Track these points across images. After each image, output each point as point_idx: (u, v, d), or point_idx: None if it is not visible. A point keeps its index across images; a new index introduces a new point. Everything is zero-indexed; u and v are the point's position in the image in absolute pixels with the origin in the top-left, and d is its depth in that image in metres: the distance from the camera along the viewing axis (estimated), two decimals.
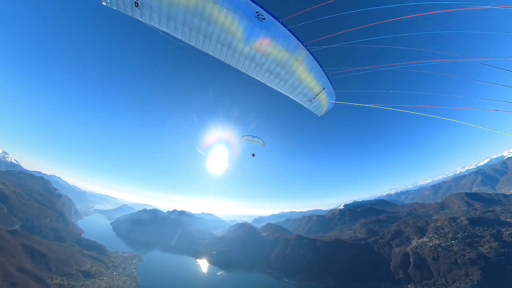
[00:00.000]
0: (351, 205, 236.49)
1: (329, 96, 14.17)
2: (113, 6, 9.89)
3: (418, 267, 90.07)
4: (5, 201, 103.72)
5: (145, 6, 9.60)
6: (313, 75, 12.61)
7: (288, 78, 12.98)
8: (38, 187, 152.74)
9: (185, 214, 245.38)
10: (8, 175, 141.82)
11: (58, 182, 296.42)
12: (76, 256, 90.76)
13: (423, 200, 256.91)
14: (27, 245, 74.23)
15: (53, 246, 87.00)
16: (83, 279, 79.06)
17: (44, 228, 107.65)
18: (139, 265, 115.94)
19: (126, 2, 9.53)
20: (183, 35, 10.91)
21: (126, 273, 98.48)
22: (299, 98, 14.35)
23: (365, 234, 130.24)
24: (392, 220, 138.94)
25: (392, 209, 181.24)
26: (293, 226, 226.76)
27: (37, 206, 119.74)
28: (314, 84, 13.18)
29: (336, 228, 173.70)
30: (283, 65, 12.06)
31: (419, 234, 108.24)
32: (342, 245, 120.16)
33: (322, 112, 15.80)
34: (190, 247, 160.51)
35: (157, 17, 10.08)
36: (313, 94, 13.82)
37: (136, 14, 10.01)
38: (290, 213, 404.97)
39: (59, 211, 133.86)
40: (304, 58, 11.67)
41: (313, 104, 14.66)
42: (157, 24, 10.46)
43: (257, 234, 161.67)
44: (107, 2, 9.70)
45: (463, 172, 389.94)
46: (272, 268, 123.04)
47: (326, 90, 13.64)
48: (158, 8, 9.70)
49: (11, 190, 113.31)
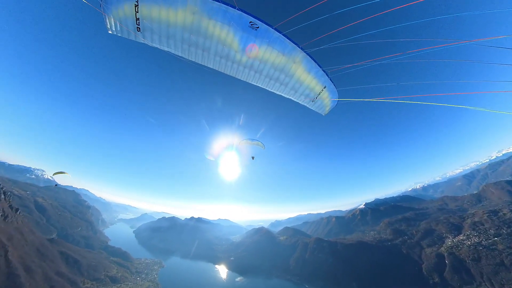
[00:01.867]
0: (372, 204, 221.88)
1: (331, 94, 14.25)
2: (118, 34, 11.02)
3: (456, 269, 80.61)
4: (44, 213, 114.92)
5: (147, 30, 10.56)
6: (312, 75, 12.74)
7: (288, 81, 13.16)
8: (71, 200, 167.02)
9: (202, 220, 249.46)
10: (45, 190, 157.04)
11: (87, 195, 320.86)
12: (104, 262, 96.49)
13: (455, 192, 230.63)
14: (63, 251, 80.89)
15: (84, 253, 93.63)
16: (110, 284, 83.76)
17: (76, 237, 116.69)
18: (160, 271, 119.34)
19: (129, 28, 10.50)
20: (183, 52, 11.66)
21: (148, 279, 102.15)
22: (302, 100, 14.48)
23: (391, 234, 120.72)
24: (420, 218, 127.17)
25: (420, 205, 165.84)
26: (311, 229, 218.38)
27: (70, 217, 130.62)
28: (315, 84, 13.29)
29: (358, 230, 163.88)
30: (282, 69, 12.33)
31: (453, 231, 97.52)
32: (366, 248, 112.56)
33: (326, 111, 15.75)
34: (208, 253, 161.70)
35: (158, 38, 10.98)
36: (315, 94, 13.88)
37: (139, 38, 10.95)
38: (308, 216, 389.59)
39: (88, 221, 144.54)
40: (301, 59, 11.90)
41: (316, 104, 14.73)
42: (158, 44, 11.33)
43: (275, 239, 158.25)
44: (113, 31, 10.86)
45: (500, 157, 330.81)
46: (291, 273, 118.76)
47: (327, 89, 13.73)
48: (158, 30, 10.59)
49: (49, 203, 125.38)
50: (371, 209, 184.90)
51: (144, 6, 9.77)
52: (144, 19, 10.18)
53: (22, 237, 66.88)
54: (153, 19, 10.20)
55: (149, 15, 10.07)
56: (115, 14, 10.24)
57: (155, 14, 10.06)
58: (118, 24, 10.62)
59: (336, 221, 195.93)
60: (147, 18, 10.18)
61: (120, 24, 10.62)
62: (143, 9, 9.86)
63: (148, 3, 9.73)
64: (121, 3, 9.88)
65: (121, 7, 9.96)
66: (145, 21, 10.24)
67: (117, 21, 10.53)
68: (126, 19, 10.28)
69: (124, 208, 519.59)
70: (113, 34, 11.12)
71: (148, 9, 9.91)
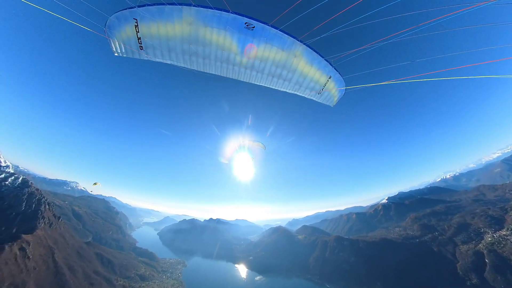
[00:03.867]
0: (396, 198, 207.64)
1: (338, 83, 13.68)
2: (123, 55, 11.81)
3: (498, 269, 71.91)
4: (80, 219, 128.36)
5: (149, 47, 11.23)
6: (315, 66, 12.38)
7: (291, 76, 12.91)
8: (101, 207, 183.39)
9: (221, 222, 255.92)
10: (80, 200, 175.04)
11: (115, 202, 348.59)
12: (133, 262, 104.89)
13: (493, 180, 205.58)
14: (98, 253, 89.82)
15: (116, 254, 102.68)
16: (140, 281, 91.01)
17: (108, 239, 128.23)
18: (184, 270, 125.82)
19: (133, 48, 11.30)
20: (185, 62, 12.07)
21: (173, 277, 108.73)
22: (307, 93, 14.10)
23: (419, 230, 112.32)
24: (453, 211, 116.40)
25: (452, 197, 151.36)
26: (331, 226, 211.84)
27: (102, 222, 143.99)
28: (319, 75, 12.89)
29: (381, 226, 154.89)
30: (283, 65, 12.13)
31: (493, 226, 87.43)
32: (391, 245, 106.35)
33: (334, 102, 15.19)
34: (228, 253, 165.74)
35: (160, 53, 11.59)
36: (321, 86, 13.43)
37: (143, 56, 11.62)
38: (326, 213, 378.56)
39: (117, 225, 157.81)
40: (302, 52, 11.62)
41: (322, 96, 14.25)
42: (161, 58, 11.89)
43: (293, 238, 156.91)
44: (118, 53, 11.75)
45: None
46: (311, 273, 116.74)
47: (333, 79, 13.21)
48: (159, 45, 11.14)
49: (83, 211, 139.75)
50: (395, 204, 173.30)
51: (143, 25, 10.38)
52: (145, 37, 10.78)
53: (64, 241, 75.77)
54: (153, 36, 10.75)
55: (148, 32, 10.64)
56: (118, 37, 11.00)
57: (154, 30, 10.58)
58: (122, 45, 11.30)
59: (356, 218, 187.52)
60: (148, 36, 10.75)
61: (124, 45, 11.25)
62: (143, 28, 10.45)
63: (147, 22, 10.29)
64: (122, 26, 10.60)
65: (123, 30, 10.69)
66: (146, 39, 10.82)
67: (121, 43, 11.22)
68: (129, 40, 10.96)
69: (148, 213, 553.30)
70: (119, 55, 11.89)
71: (147, 27, 10.48)
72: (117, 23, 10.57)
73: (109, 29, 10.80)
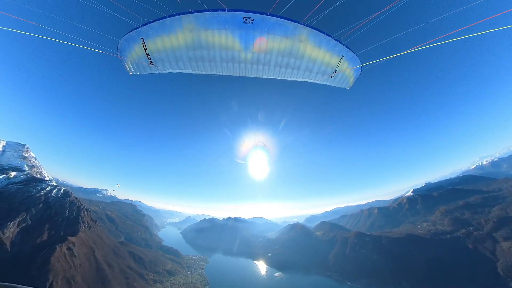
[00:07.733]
0: (423, 189, 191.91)
1: (352, 62, 12.38)
2: (137, 72, 12.76)
3: None
4: (113, 222, 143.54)
5: (158, 61, 11.92)
6: (324, 48, 11.42)
7: (300, 64, 12.11)
8: (130, 210, 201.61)
9: (239, 220, 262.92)
10: (111, 205, 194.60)
11: (141, 205, 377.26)
12: (161, 259, 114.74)
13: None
14: (130, 251, 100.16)
15: (145, 252, 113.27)
16: (167, 276, 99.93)
17: (138, 239, 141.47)
18: (206, 266, 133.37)
19: (145, 65, 12.21)
20: (192, 68, 12.39)
21: (197, 272, 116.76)
22: (319, 79, 13.03)
23: (450, 225, 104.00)
24: (491, 203, 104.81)
25: (489, 187, 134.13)
26: (351, 222, 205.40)
27: (131, 224, 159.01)
28: (330, 57, 11.86)
29: (407, 221, 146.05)
30: (290, 52, 11.44)
31: None
32: (418, 242, 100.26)
33: (351, 83, 13.89)
34: (247, 250, 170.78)
35: (168, 64, 12.24)
36: (333, 68, 12.33)
37: (154, 70, 12.37)
38: (345, 208, 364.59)
39: (145, 226, 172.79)
40: (307, 36, 10.82)
41: (336, 79, 13.08)
42: (170, 69, 12.49)
43: (311, 234, 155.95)
44: (133, 72, 12.76)
45: None
46: (331, 270, 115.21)
47: (345, 58, 12.02)
48: (166, 57, 11.70)
49: (115, 215, 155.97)
50: (422, 196, 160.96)
51: (149, 42, 10.93)
52: (153, 53, 11.33)
53: (102, 241, 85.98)
54: (159, 50, 11.25)
55: (155, 47, 11.16)
56: (130, 57, 11.75)
57: (160, 44, 11.05)
58: (134, 64, 12.09)
59: (379, 213, 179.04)
60: (155, 51, 11.28)
61: (136, 63, 12.00)
62: (150, 45, 11.01)
63: (152, 38, 10.80)
64: (131, 47, 11.31)
65: (133, 50, 11.41)
66: (154, 54, 11.37)
67: (134, 62, 11.96)
68: (139, 58, 11.68)
69: (171, 214, 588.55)
70: (133, 74, 12.68)
71: (153, 43, 11.00)
72: (126, 45, 11.32)
73: (121, 52, 11.63)
